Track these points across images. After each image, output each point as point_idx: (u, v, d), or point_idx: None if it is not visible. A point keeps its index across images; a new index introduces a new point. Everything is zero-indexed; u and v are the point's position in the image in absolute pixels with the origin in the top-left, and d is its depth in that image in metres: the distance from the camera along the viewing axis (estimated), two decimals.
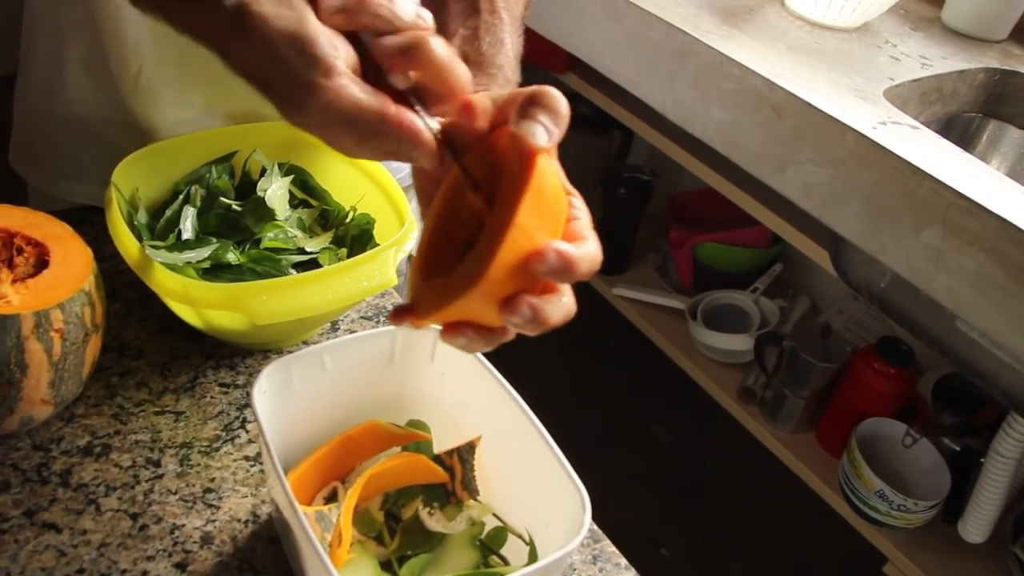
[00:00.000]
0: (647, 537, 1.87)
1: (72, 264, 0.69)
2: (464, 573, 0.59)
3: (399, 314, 0.48)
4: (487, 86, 0.56)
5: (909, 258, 1.02)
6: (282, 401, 0.63)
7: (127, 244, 0.71)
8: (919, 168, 0.98)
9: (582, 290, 0.50)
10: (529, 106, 0.45)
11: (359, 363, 0.67)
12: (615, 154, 2.18)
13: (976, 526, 1.41)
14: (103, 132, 0.87)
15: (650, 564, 1.88)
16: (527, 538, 0.62)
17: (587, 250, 0.46)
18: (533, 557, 0.61)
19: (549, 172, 0.45)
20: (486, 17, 0.60)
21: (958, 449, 1.53)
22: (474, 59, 0.58)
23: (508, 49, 0.60)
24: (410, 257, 1.09)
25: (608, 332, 2.09)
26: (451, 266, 0.46)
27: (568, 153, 0.56)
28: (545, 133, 0.44)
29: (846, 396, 1.65)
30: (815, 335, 1.66)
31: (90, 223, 0.86)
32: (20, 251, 0.70)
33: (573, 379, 2.11)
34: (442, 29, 0.58)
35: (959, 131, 1.32)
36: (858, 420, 1.59)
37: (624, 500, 1.92)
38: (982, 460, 1.38)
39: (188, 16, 0.48)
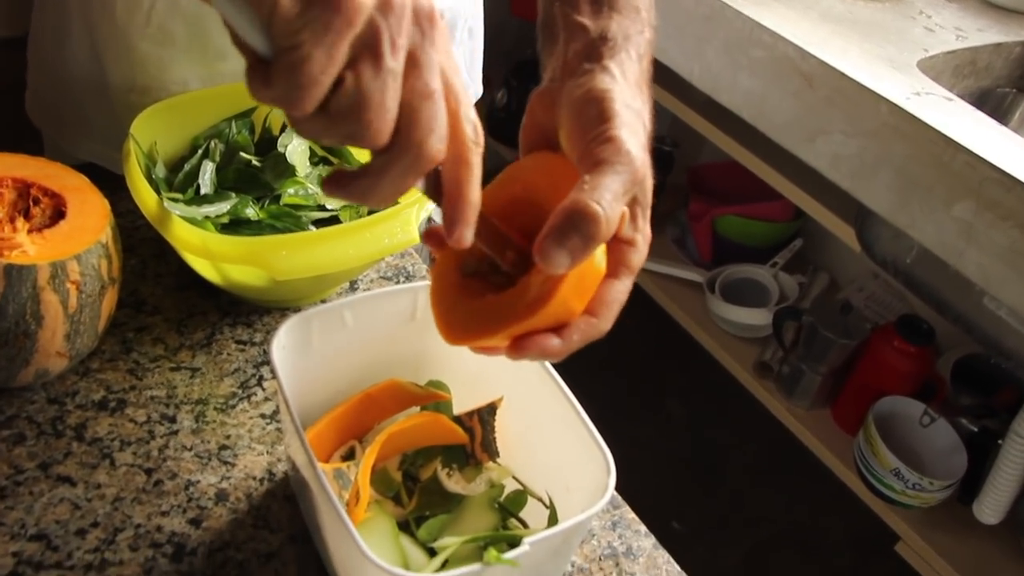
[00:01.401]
0: (659, 510, 1.85)
1: (89, 216, 0.68)
2: (482, 535, 0.58)
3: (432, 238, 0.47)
4: (624, 25, 0.51)
5: (939, 232, 1.00)
6: (301, 357, 0.62)
7: (145, 197, 0.70)
8: (953, 140, 0.96)
9: None
10: (566, 229, 0.41)
11: (380, 320, 0.66)
12: None
13: (992, 507, 1.39)
14: (105, 93, 0.85)
15: (661, 537, 1.87)
16: (547, 501, 0.61)
17: (577, 335, 0.45)
18: (553, 520, 0.60)
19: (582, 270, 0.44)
20: None
21: (975, 430, 1.51)
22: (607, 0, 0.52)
23: None
24: (430, 219, 1.07)
25: (624, 303, 2.07)
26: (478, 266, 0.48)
27: None
28: (570, 261, 0.42)
29: (864, 373, 1.63)
30: (834, 311, 1.64)
31: (104, 178, 0.84)
32: (37, 202, 0.69)
33: (587, 350, 2.09)
34: None
35: (992, 106, 1.29)
36: (875, 398, 1.58)
37: (636, 473, 1.90)
38: (1000, 441, 1.36)
39: None
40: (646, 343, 2.16)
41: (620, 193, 0.43)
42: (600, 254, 0.45)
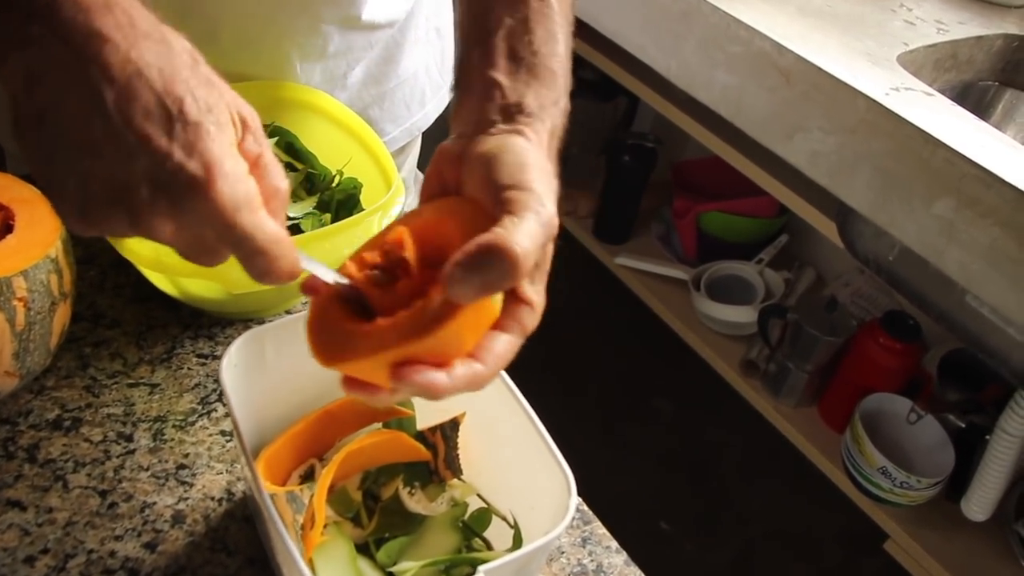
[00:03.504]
0: (646, 510, 1.85)
1: (38, 229, 0.66)
2: (442, 558, 0.56)
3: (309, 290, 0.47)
4: (541, 95, 0.49)
5: (920, 231, 0.98)
6: (256, 375, 0.60)
7: None
8: (933, 136, 0.94)
9: (584, 259, 0.47)
10: (481, 261, 0.40)
11: None
12: (619, 121, 2.13)
13: (979, 504, 1.38)
14: None
15: (649, 537, 1.86)
16: (511, 521, 0.59)
17: (463, 375, 0.42)
18: (518, 540, 0.58)
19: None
20: (535, 4, 0.51)
21: (963, 426, 1.50)
22: (526, 59, 0.50)
23: (561, 48, 0.51)
24: None
25: (609, 302, 2.05)
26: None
27: (572, 120, 0.52)
28: (475, 293, 0.40)
29: (850, 371, 1.61)
30: (820, 308, 1.63)
31: None
32: None
33: (573, 349, 2.09)
34: (484, 16, 0.51)
35: (974, 100, 1.28)
36: (862, 395, 1.56)
37: (624, 473, 1.90)
38: (987, 437, 1.35)
39: None
40: (633, 342, 2.14)
41: (538, 243, 0.42)
42: (498, 299, 0.44)
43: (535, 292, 0.45)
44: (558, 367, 1.97)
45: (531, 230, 0.41)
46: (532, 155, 0.46)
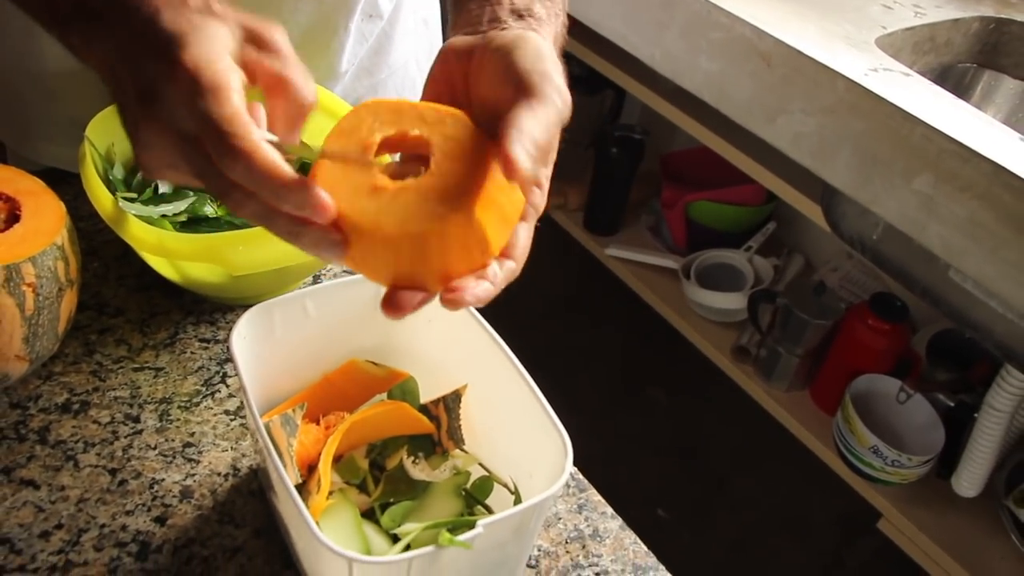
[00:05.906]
0: (643, 498, 1.87)
1: (44, 218, 0.68)
2: (444, 520, 0.58)
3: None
4: (546, 5, 0.53)
5: (901, 207, 1.01)
6: (262, 348, 0.62)
7: (100, 197, 0.69)
8: (910, 114, 0.96)
9: (575, 250, 0.49)
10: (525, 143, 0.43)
11: (343, 309, 0.66)
12: (607, 114, 2.15)
13: (969, 480, 1.40)
14: (75, 90, 0.84)
15: (646, 525, 1.87)
16: (512, 487, 0.61)
17: (503, 277, 0.45)
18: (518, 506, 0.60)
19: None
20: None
21: (952, 404, 1.52)
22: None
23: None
24: None
25: (601, 293, 2.08)
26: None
27: None
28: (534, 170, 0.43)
29: (840, 353, 1.64)
30: (809, 292, 1.65)
31: (69, 182, 0.84)
32: None
33: (566, 340, 2.11)
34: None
35: (953, 82, 1.30)
36: (852, 377, 1.59)
37: (619, 461, 1.92)
38: (976, 415, 1.37)
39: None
40: (624, 331, 2.16)
41: (557, 128, 0.46)
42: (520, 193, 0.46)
43: (544, 176, 0.48)
44: (551, 359, 1.99)
45: (550, 116, 0.45)
46: (547, 48, 0.49)
